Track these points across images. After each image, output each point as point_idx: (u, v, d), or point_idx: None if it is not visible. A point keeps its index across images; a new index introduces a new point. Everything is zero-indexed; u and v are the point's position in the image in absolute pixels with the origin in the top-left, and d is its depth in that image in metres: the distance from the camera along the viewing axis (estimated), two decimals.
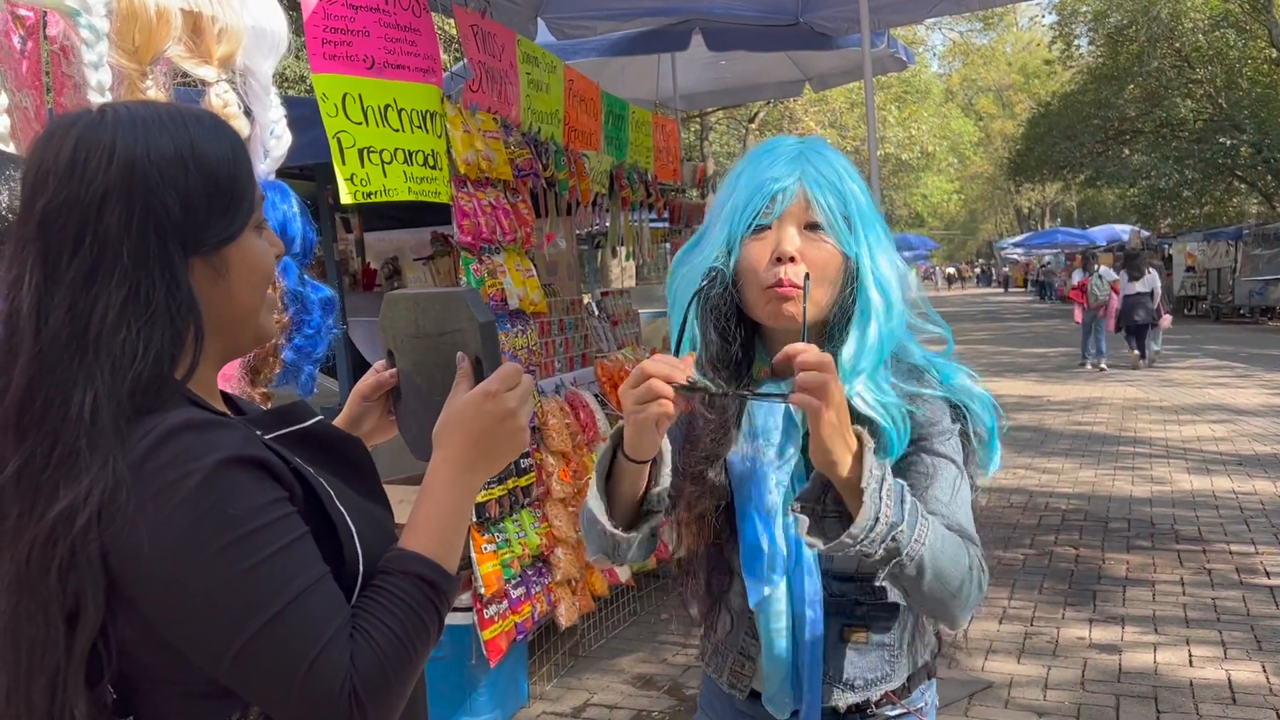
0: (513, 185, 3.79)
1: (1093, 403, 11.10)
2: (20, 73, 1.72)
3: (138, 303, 0.91)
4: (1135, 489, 6.92)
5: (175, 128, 0.95)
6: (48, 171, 0.92)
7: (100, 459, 0.86)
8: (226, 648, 0.87)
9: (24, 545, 0.87)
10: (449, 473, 1.04)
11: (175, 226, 0.93)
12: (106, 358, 0.89)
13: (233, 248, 0.98)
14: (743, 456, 1.42)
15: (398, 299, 1.25)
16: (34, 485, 0.88)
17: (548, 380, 4.09)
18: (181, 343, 0.94)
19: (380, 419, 1.34)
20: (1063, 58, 29.50)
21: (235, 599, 0.87)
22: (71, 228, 0.90)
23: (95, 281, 0.90)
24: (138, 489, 0.86)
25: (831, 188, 1.35)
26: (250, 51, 2.03)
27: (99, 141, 0.91)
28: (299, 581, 0.89)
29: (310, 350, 2.01)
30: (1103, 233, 32.18)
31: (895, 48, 6.91)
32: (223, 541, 0.86)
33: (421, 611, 0.96)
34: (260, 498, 0.89)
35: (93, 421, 0.87)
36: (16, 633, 0.88)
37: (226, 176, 0.97)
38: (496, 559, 3.46)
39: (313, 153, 2.94)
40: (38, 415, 0.89)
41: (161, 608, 0.88)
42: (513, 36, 3.94)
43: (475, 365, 1.09)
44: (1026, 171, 32.61)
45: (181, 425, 0.89)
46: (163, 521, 0.85)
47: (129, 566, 0.86)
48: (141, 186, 0.91)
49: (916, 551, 1.23)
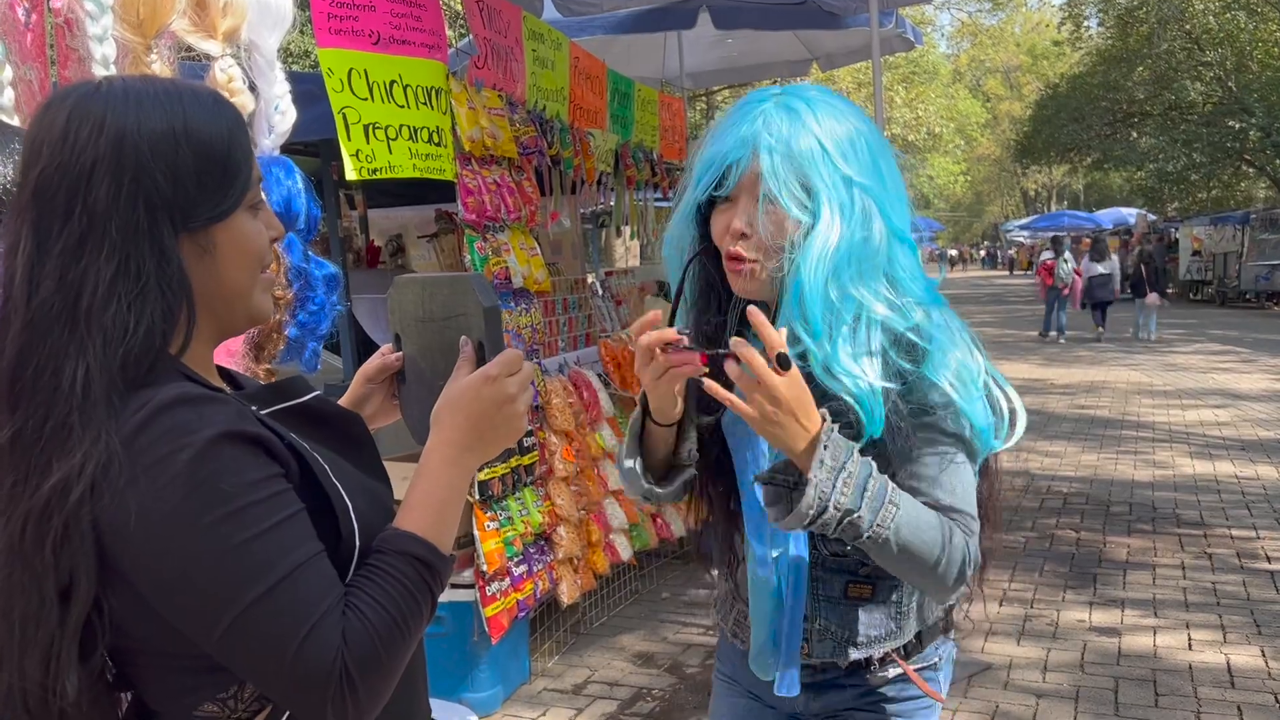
0: (517, 163, 3.78)
1: (1095, 386, 11.09)
2: (25, 45, 1.71)
3: (127, 277, 0.90)
4: (1137, 473, 6.93)
5: (170, 103, 0.94)
6: (42, 141, 0.92)
7: (93, 433, 0.86)
8: (217, 622, 0.87)
9: (18, 518, 0.87)
10: (446, 454, 1.04)
11: (164, 201, 0.92)
12: (97, 331, 0.89)
13: (221, 227, 0.97)
14: (734, 417, 1.40)
15: (406, 283, 1.25)
16: (27, 457, 0.88)
17: (551, 359, 4.09)
18: (173, 318, 0.93)
19: (384, 402, 1.34)
20: (1071, 39, 29.35)
21: (227, 574, 0.87)
22: (61, 198, 0.90)
23: (84, 254, 0.90)
24: (130, 463, 0.86)
25: (787, 154, 1.30)
26: (255, 26, 2.02)
27: (91, 113, 0.91)
28: (292, 558, 0.89)
29: (314, 327, 2.01)
30: (1109, 216, 32.08)
31: (903, 28, 6.87)
32: (215, 516, 0.86)
33: (415, 591, 0.96)
34: (254, 473, 0.89)
35: (84, 395, 0.87)
36: (9, 605, 0.88)
37: (220, 154, 0.96)
38: (499, 536, 3.48)
39: (318, 128, 2.93)
40: (29, 386, 0.89)
41: (154, 581, 0.88)
42: (518, 13, 3.92)
43: (478, 349, 1.09)
44: (1033, 154, 32.44)
45: (175, 399, 0.89)
46: (155, 495, 0.85)
47: (121, 540, 0.87)
48: (131, 159, 0.91)
49: (880, 534, 1.24)
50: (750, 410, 1.22)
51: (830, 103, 1.37)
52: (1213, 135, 24.80)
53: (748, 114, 1.36)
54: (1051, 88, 32.32)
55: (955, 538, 1.31)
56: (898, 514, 1.25)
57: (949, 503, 1.34)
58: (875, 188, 1.33)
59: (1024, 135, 33.05)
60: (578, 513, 3.91)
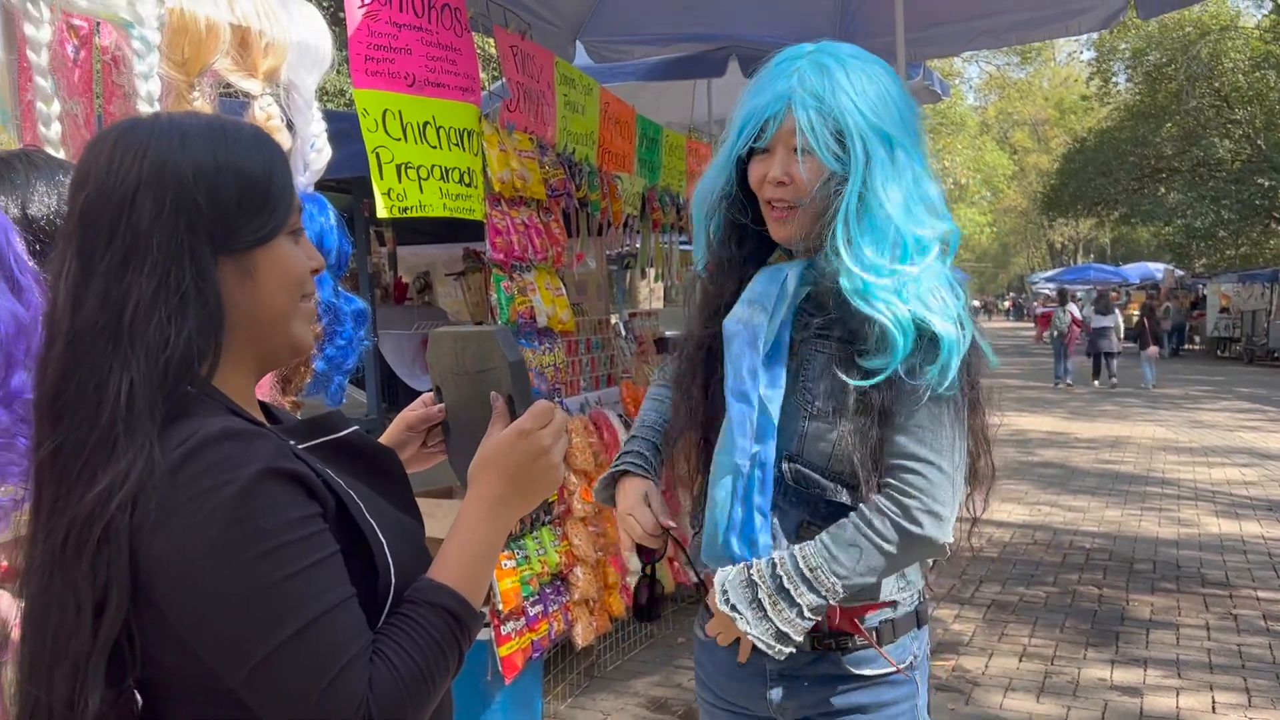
0: (546, 204, 3.82)
1: (1120, 441, 10.98)
2: (72, 81, 1.77)
3: (168, 291, 0.92)
4: (1162, 530, 6.84)
5: (212, 135, 0.98)
6: (88, 171, 0.95)
7: (138, 445, 0.88)
8: (247, 658, 0.87)
9: (60, 527, 0.88)
10: (483, 509, 1.05)
11: (205, 222, 0.95)
12: (140, 344, 0.91)
13: (263, 250, 1.00)
14: (737, 319, 1.53)
15: (440, 336, 1.29)
16: (70, 469, 0.89)
17: (573, 399, 4.10)
18: (210, 334, 0.95)
19: (419, 450, 1.37)
20: (1100, 94, 29.41)
21: (260, 611, 0.87)
22: (106, 220, 0.93)
23: (127, 271, 0.92)
24: (173, 494, 0.87)
25: (821, 107, 1.42)
26: (295, 66, 2.07)
27: (135, 142, 0.95)
28: (325, 599, 0.90)
29: (341, 361, 2.04)
30: (1136, 270, 31.93)
31: (931, 80, 6.92)
32: (253, 553, 0.87)
33: (444, 644, 0.97)
34: (293, 512, 0.90)
35: (129, 407, 0.89)
36: (45, 614, 0.90)
37: (261, 182, 0.99)
38: (516, 575, 3.47)
39: (350, 166, 2.99)
40: (72, 400, 0.90)
41: (187, 614, 0.88)
42: (551, 58, 3.99)
43: (508, 403, 1.11)
44: (1060, 206, 32.40)
45: (220, 433, 0.90)
46: (195, 528, 0.86)
47: (159, 570, 0.87)
48: (173, 181, 0.94)
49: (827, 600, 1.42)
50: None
51: (861, 60, 1.48)
52: (1241, 192, 24.71)
53: (783, 70, 1.47)
54: (1079, 141, 32.33)
55: (875, 525, 1.42)
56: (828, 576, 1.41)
57: (913, 450, 1.43)
58: (903, 138, 1.45)
59: (1051, 188, 33.03)
60: (595, 554, 3.90)
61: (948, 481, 1.43)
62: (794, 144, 1.44)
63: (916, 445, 1.43)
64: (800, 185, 1.45)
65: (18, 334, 1.16)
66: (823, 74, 1.43)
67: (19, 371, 1.16)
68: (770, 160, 1.48)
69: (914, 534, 1.41)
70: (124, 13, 1.68)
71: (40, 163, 1.41)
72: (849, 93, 1.42)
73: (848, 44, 1.51)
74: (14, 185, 1.35)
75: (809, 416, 1.50)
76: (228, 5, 1.92)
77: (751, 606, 1.41)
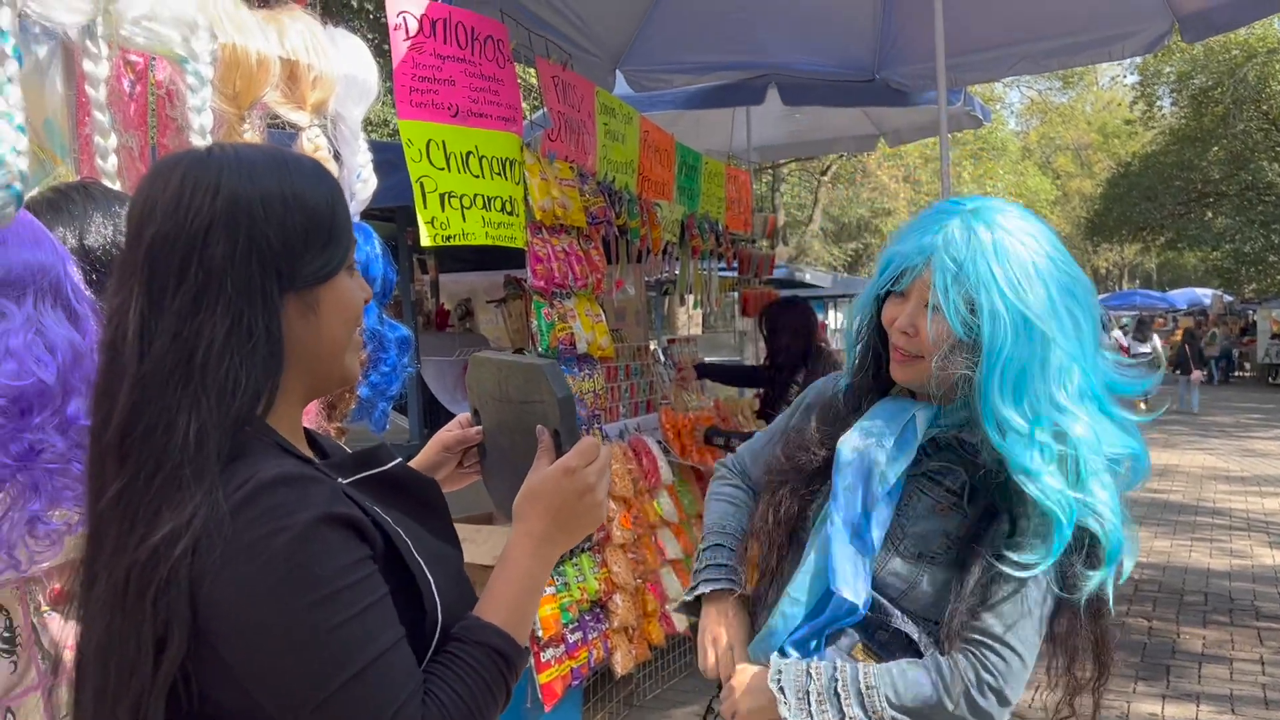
0: (586, 232, 3.85)
1: (1169, 470, 10.77)
2: (128, 114, 1.81)
3: (240, 332, 0.93)
4: (1213, 561, 6.68)
5: (278, 169, 0.98)
6: (155, 203, 0.95)
7: (205, 487, 0.88)
8: (305, 704, 0.89)
9: (123, 566, 0.89)
10: (529, 546, 1.07)
11: (275, 260, 0.96)
12: (211, 386, 0.91)
13: (326, 286, 1.01)
14: (853, 448, 1.52)
15: (483, 362, 1.30)
16: (134, 509, 0.90)
17: (612, 425, 4.11)
18: (273, 374, 0.96)
19: (455, 470, 1.38)
20: (1144, 118, 29.05)
21: (317, 658, 0.88)
22: (177, 257, 0.93)
23: (200, 310, 0.92)
24: (231, 540, 0.88)
25: (957, 271, 1.39)
26: (342, 98, 2.11)
27: (205, 177, 0.95)
28: (378, 643, 0.91)
29: (385, 388, 2.06)
30: (1183, 296, 31.42)
31: (972, 105, 6.90)
32: (309, 600, 0.88)
33: (491, 683, 0.99)
34: (346, 557, 0.91)
35: (197, 449, 0.90)
36: (108, 652, 0.91)
37: (325, 217, 1.00)
38: (555, 602, 3.47)
39: (394, 195, 3.03)
40: (140, 440, 0.91)
41: (245, 660, 0.90)
42: (592, 88, 4.03)
43: (555, 438, 1.12)
44: (1105, 232, 31.98)
45: (276, 479, 0.91)
46: (252, 575, 0.87)
47: (216, 613, 0.88)
48: (245, 219, 0.94)
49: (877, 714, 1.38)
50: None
51: (1017, 229, 1.41)
52: None
53: (933, 224, 1.45)
54: (1123, 166, 31.95)
55: (946, 679, 1.39)
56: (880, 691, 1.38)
57: (1000, 634, 1.41)
58: (1047, 318, 1.37)
59: (1095, 213, 32.64)
60: (634, 581, 3.89)
61: (1025, 672, 1.43)
62: (926, 298, 1.43)
63: (1004, 630, 1.41)
64: (924, 340, 1.44)
65: (75, 362, 1.19)
66: (969, 238, 1.39)
67: (75, 398, 1.19)
68: (903, 306, 1.48)
69: (979, 705, 1.40)
70: (179, 48, 1.73)
71: (97, 194, 1.45)
72: (990, 264, 1.37)
73: (1014, 205, 1.47)
74: (72, 216, 1.39)
75: (896, 552, 1.49)
76: (278, 39, 1.96)
77: (798, 695, 1.41)
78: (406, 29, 2.95)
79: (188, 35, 1.73)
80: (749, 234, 6.29)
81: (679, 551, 4.21)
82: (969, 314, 1.38)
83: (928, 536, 1.47)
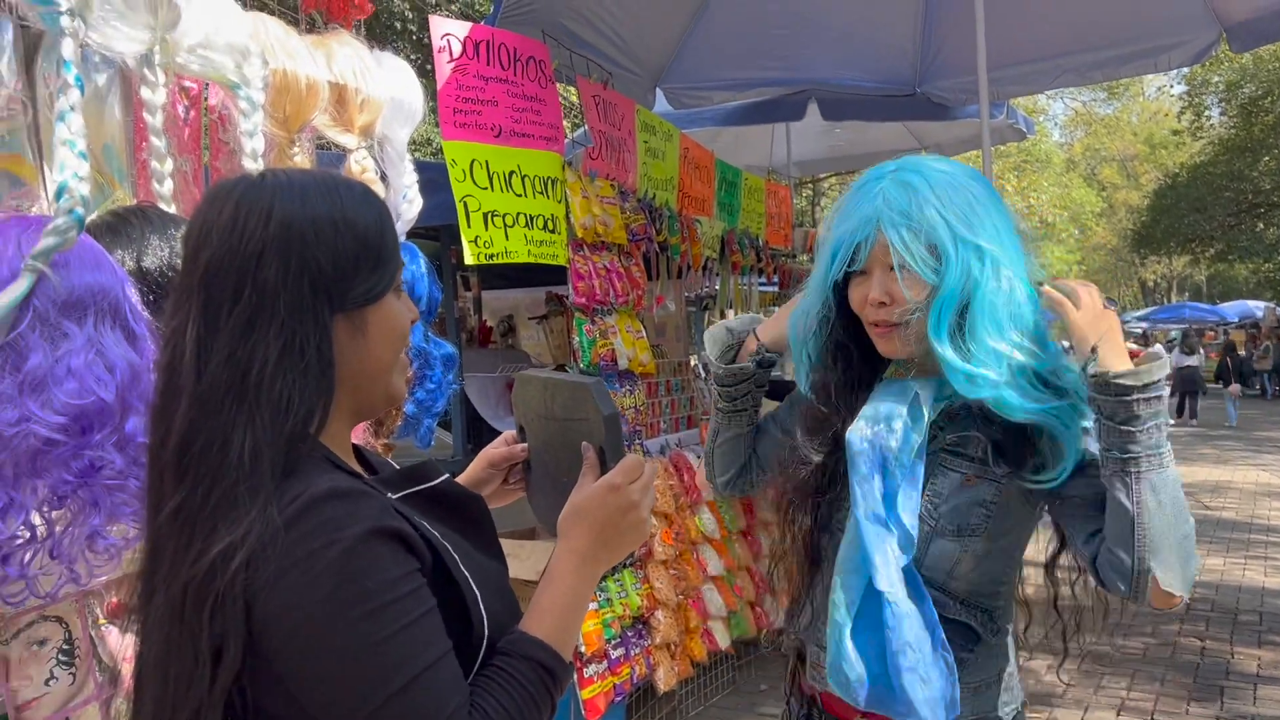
0: (627, 249, 3.88)
1: (1221, 486, 10.55)
2: (182, 139, 1.86)
3: (293, 353, 0.95)
4: (1268, 580, 6.53)
5: (328, 193, 1.01)
6: (210, 227, 0.98)
7: (260, 504, 0.91)
8: (353, 713, 0.90)
9: (181, 580, 0.92)
10: (573, 562, 1.08)
11: (326, 282, 0.98)
12: (265, 404, 0.94)
13: (375, 307, 1.03)
14: (861, 437, 1.51)
15: (529, 379, 1.32)
16: (192, 524, 0.92)
17: (653, 440, 4.12)
18: (325, 393, 0.98)
19: (500, 487, 1.41)
20: (1192, 128, 28.61)
21: (366, 669, 0.90)
22: (231, 280, 0.95)
23: (254, 331, 0.95)
24: (284, 553, 0.90)
25: (908, 224, 1.42)
26: (389, 121, 2.15)
27: (258, 202, 0.98)
28: (426, 656, 0.93)
29: (430, 404, 2.09)
30: (1234, 309, 30.77)
31: (1015, 118, 6.85)
32: (359, 612, 0.90)
33: (537, 696, 1.00)
34: (395, 570, 0.93)
35: (253, 466, 0.92)
36: (166, 663, 0.93)
37: (374, 240, 1.03)
38: (598, 618, 3.48)
39: (439, 215, 3.08)
40: (197, 457, 0.93)
41: (296, 671, 0.91)
42: (632, 106, 4.06)
43: (600, 455, 1.14)
44: (1152, 244, 31.46)
45: (327, 494, 0.93)
46: (305, 587, 0.89)
47: (270, 625, 0.90)
48: (297, 243, 0.97)
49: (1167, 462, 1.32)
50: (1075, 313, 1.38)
51: (944, 171, 1.46)
52: None
53: (868, 194, 1.46)
54: (1171, 177, 31.44)
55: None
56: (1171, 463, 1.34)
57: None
58: (995, 246, 1.43)
59: (1142, 225, 32.13)
60: (676, 597, 3.89)
61: None
62: (889, 263, 1.44)
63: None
64: (902, 301, 1.44)
65: (133, 381, 1.23)
66: (907, 190, 1.43)
67: (133, 416, 1.23)
68: (868, 281, 1.48)
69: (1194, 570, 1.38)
70: (232, 74, 1.77)
71: (154, 218, 1.49)
72: (935, 206, 1.41)
73: (931, 155, 1.51)
74: (130, 239, 1.43)
75: (936, 533, 1.48)
76: (326, 64, 2.01)
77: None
78: (450, 51, 3.00)
79: (240, 62, 1.77)
80: (789, 249, 6.29)
81: (720, 568, 4.20)
82: (933, 259, 1.41)
83: (963, 510, 1.47)
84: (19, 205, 1.48)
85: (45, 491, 1.19)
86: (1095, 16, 5.16)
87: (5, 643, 1.37)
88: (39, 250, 1.18)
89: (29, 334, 1.17)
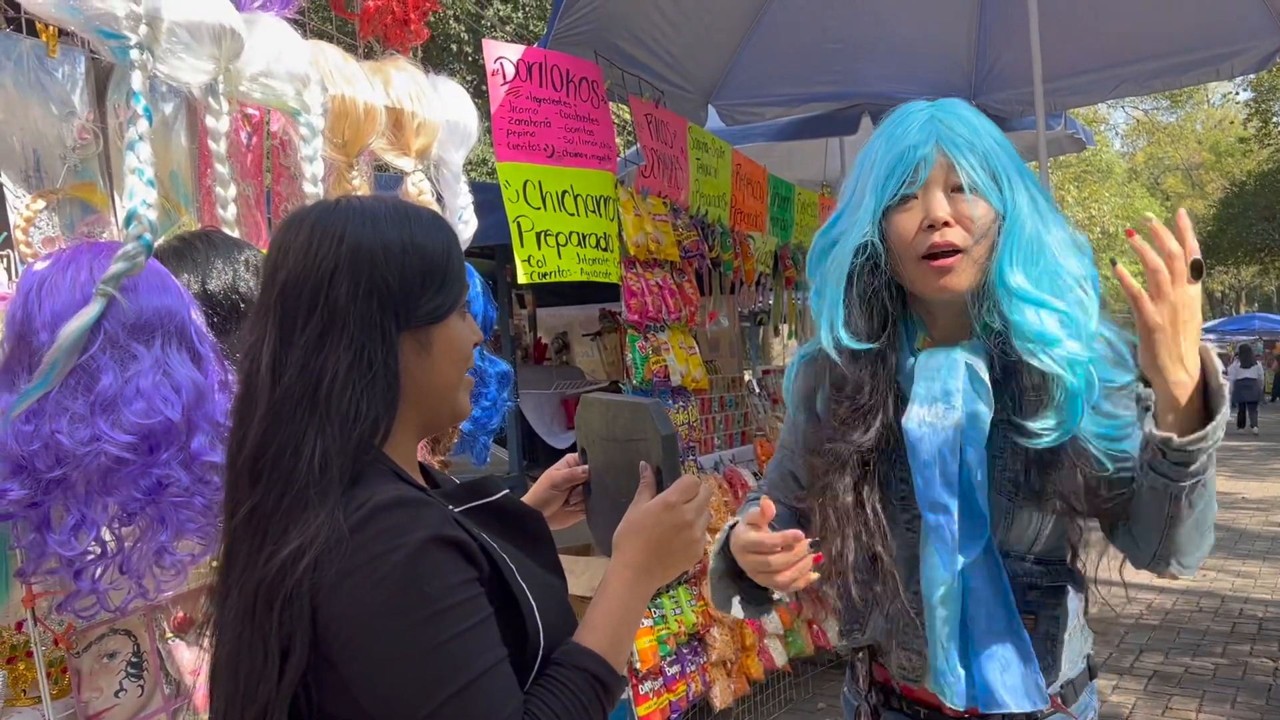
0: (679, 265, 3.89)
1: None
2: (245, 164, 1.91)
3: (361, 365, 1.00)
4: None
5: (398, 219, 1.06)
6: (288, 249, 1.04)
7: (328, 508, 0.95)
8: (410, 715, 0.93)
9: (253, 580, 0.96)
10: (627, 577, 1.10)
11: (393, 300, 1.03)
12: (335, 414, 0.98)
13: (440, 327, 1.08)
14: (920, 421, 1.36)
15: (591, 403, 1.34)
16: (264, 527, 0.97)
17: (707, 457, 4.12)
18: (391, 406, 1.03)
19: (561, 508, 1.43)
20: (1259, 135, 27.92)
21: (425, 672, 0.93)
22: (305, 297, 1.01)
23: (325, 345, 1.00)
24: (349, 557, 0.93)
25: (970, 146, 1.33)
26: (444, 143, 2.19)
27: (332, 226, 1.03)
28: (483, 661, 0.96)
29: (486, 422, 2.12)
30: None
31: (1073, 128, 6.75)
32: (420, 616, 0.93)
33: (589, 707, 1.02)
34: (454, 577, 0.96)
35: (322, 471, 0.96)
36: (238, 661, 0.97)
37: (440, 263, 1.07)
38: (653, 634, 3.48)
39: (493, 234, 3.12)
40: (271, 462, 0.98)
41: (357, 670, 0.94)
42: (684, 124, 4.08)
43: (656, 474, 1.16)
44: (1219, 254, 30.69)
45: (392, 501, 0.97)
46: (368, 590, 0.93)
47: (334, 627, 0.94)
48: (366, 263, 1.02)
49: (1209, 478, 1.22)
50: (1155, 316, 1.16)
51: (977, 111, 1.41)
52: None
53: (915, 119, 1.37)
54: (1238, 185, 30.70)
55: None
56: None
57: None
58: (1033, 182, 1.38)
59: (1208, 234, 31.38)
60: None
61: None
62: (954, 182, 1.33)
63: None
64: (969, 225, 1.32)
65: (198, 401, 1.27)
66: (959, 119, 1.35)
67: (198, 436, 1.27)
68: (929, 200, 1.33)
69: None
70: (293, 101, 1.82)
71: (218, 242, 1.54)
72: (992, 136, 1.35)
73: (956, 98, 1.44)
74: (195, 264, 1.48)
75: (1016, 506, 1.39)
76: (383, 89, 2.05)
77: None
78: (504, 74, 3.05)
79: (300, 89, 1.82)
80: None
81: None
82: (994, 184, 1.33)
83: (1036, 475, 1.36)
84: (90, 231, 1.54)
85: (115, 508, 1.23)
86: (1153, 26, 5.07)
87: (77, 655, 1.42)
88: (109, 275, 1.23)
89: (100, 356, 1.21)
